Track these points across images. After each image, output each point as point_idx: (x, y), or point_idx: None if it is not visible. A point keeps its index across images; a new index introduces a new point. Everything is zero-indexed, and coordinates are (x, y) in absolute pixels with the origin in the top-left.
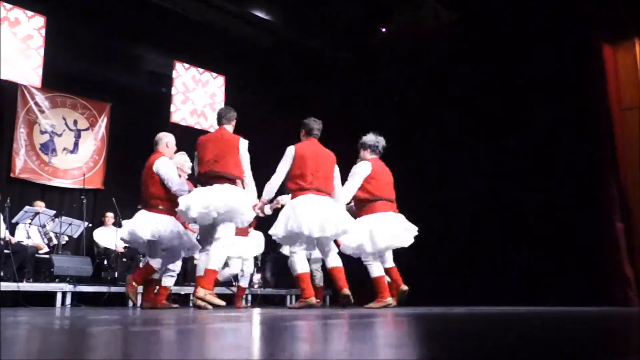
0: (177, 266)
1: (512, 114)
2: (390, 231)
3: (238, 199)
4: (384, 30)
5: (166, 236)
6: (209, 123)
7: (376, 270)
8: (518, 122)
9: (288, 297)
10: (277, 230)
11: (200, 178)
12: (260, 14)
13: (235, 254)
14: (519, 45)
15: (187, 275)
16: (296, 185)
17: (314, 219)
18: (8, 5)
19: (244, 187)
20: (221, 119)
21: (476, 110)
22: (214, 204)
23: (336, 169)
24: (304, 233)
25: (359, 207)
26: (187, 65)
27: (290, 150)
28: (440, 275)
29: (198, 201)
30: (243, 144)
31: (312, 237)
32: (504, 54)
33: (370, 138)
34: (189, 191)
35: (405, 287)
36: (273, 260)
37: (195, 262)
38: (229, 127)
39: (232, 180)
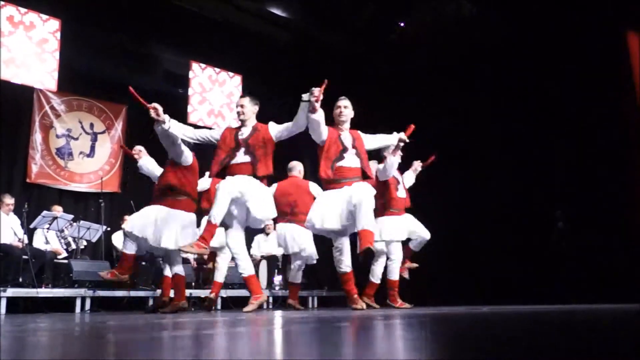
0: None
1: (536, 108)
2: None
3: None
4: (402, 25)
5: None
6: (226, 123)
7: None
8: (542, 117)
9: (310, 298)
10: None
11: None
12: (276, 11)
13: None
14: (543, 38)
15: (201, 279)
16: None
17: None
18: (23, 10)
19: None
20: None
21: (499, 106)
22: None
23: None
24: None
25: None
26: (203, 65)
27: None
28: (458, 275)
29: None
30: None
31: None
32: (527, 47)
33: None
34: None
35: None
36: None
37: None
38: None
39: None
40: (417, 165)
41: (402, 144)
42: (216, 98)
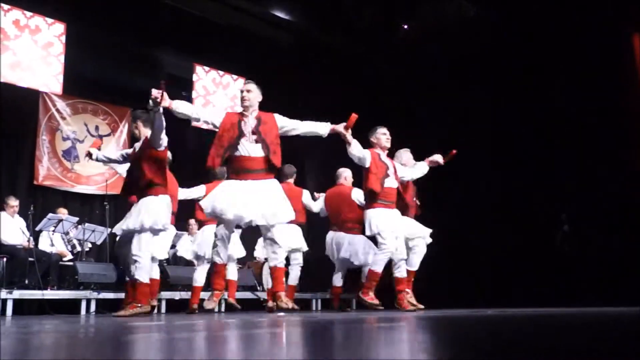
0: None
1: (538, 109)
2: None
3: None
4: (406, 27)
5: None
6: None
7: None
8: (545, 117)
9: (313, 301)
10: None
11: None
12: (280, 13)
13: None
14: (544, 39)
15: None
16: None
17: None
18: (29, 13)
19: None
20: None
21: (501, 108)
22: None
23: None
24: None
25: None
26: (207, 68)
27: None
28: (458, 277)
29: None
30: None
31: None
32: (529, 48)
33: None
34: None
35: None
36: None
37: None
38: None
39: None
40: (437, 157)
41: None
42: (220, 101)
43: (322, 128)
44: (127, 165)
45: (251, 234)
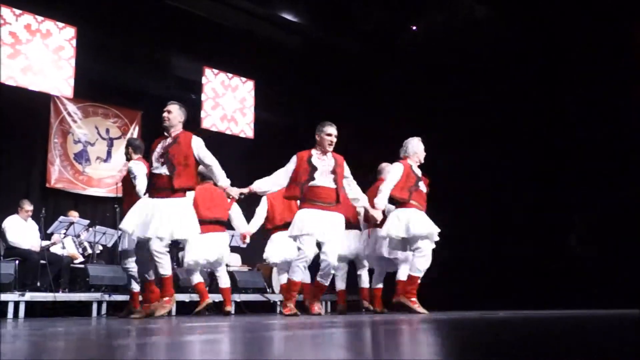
0: None
1: (549, 111)
2: None
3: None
4: (414, 28)
5: None
6: (239, 128)
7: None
8: (556, 120)
9: (322, 303)
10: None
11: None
12: (288, 16)
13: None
14: (555, 41)
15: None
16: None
17: None
18: (40, 18)
19: None
20: None
21: (512, 109)
22: None
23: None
24: None
25: None
26: (216, 71)
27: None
28: (460, 280)
29: None
30: None
31: None
32: (540, 50)
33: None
34: None
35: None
36: None
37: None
38: None
39: None
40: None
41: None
42: (229, 103)
43: (222, 181)
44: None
45: (256, 238)
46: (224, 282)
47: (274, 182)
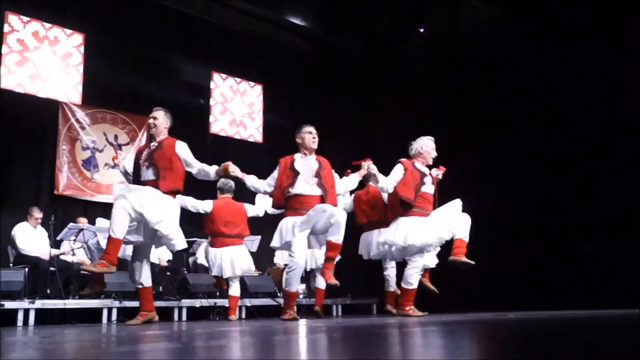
0: None
1: (556, 112)
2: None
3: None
4: (422, 31)
5: None
6: (248, 132)
7: None
8: (562, 121)
9: (334, 307)
10: None
11: None
12: (296, 20)
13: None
14: (561, 41)
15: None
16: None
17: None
18: (47, 25)
19: None
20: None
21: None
22: None
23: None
24: None
25: None
26: (224, 76)
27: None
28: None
29: None
30: None
31: None
32: (546, 50)
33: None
34: None
35: None
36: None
37: None
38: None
39: None
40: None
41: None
42: (237, 108)
43: (212, 171)
44: None
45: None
46: (235, 290)
47: (261, 185)
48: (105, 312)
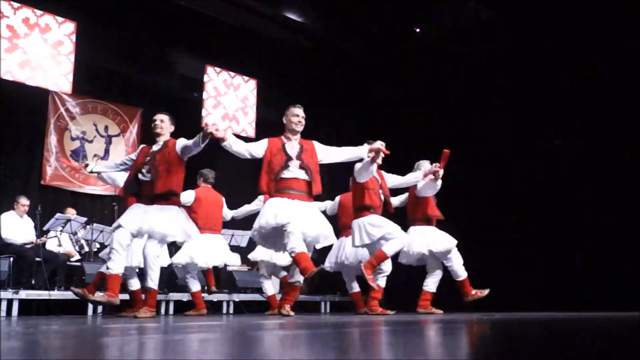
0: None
1: (556, 114)
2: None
3: None
4: (418, 30)
5: None
6: (240, 127)
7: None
8: (563, 123)
9: (322, 303)
10: None
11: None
12: (292, 15)
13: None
14: (562, 44)
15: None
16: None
17: None
18: (39, 12)
19: None
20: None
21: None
22: None
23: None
24: None
25: None
26: (218, 69)
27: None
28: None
29: None
30: None
31: None
32: (546, 53)
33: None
34: None
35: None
36: None
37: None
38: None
39: None
40: (434, 167)
41: (381, 155)
42: (231, 102)
43: (197, 137)
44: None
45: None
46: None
47: (245, 148)
48: (90, 305)
